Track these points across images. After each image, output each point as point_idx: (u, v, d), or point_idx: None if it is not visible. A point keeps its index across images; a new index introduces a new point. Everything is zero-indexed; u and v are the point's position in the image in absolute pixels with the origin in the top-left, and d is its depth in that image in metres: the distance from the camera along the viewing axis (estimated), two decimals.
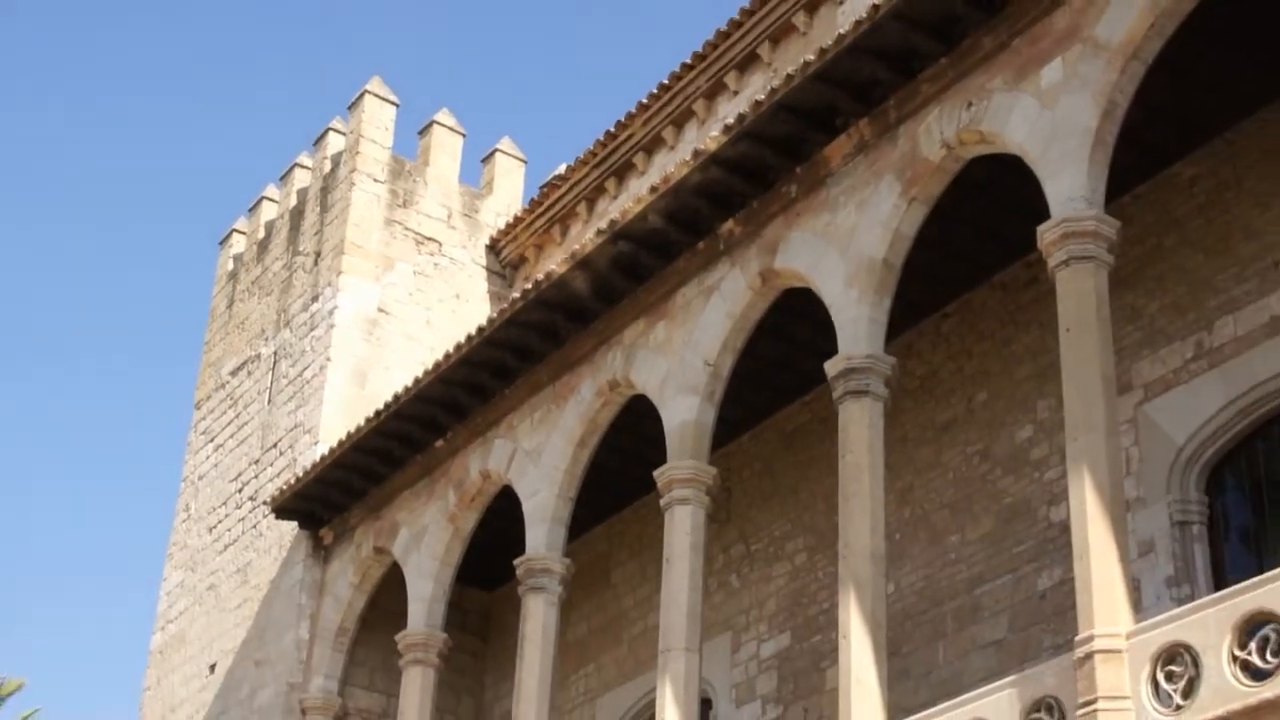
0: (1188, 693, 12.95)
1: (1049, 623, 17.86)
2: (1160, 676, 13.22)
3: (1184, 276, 18.20)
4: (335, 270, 28.51)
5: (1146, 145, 17.38)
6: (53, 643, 75.03)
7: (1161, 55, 15.40)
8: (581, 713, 25.36)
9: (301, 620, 25.95)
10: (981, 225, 18.70)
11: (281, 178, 32.05)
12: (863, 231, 17.83)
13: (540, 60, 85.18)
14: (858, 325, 17.46)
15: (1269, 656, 12.40)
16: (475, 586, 26.38)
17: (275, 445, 28.41)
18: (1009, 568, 19.21)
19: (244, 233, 32.94)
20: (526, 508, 21.95)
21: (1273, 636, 12.43)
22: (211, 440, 30.90)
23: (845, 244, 18.01)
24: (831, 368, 17.41)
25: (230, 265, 33.04)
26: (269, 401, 29.31)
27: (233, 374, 30.93)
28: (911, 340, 20.30)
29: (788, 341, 20.17)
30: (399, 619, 24.09)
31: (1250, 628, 12.58)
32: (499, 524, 23.30)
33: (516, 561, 21.66)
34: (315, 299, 28.87)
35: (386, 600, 25.28)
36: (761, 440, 23.20)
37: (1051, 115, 15.88)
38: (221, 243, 33.50)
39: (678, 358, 20.03)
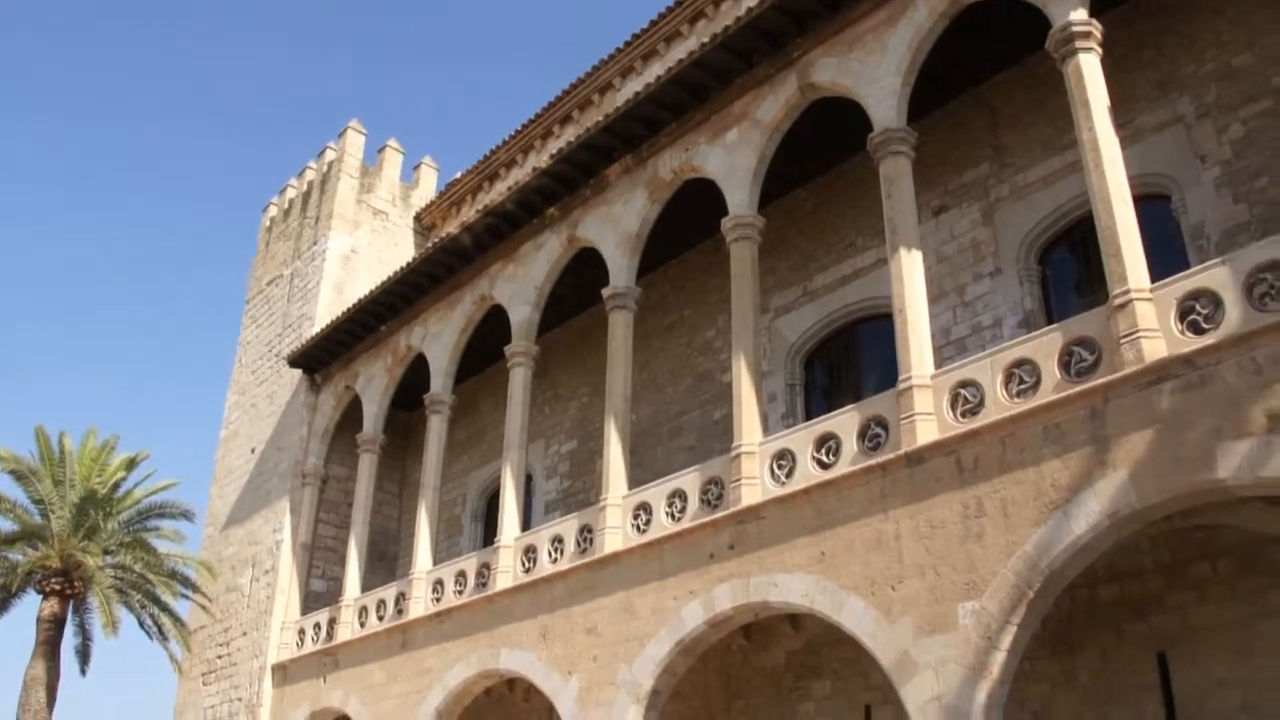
0: (789, 475, 14.45)
1: (720, 438, 18.79)
2: (774, 466, 14.71)
3: (798, 251, 19.54)
4: (327, 228, 29.28)
5: (781, 177, 18.01)
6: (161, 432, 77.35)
7: (791, 129, 16.76)
8: (459, 481, 26.11)
9: (303, 425, 26.82)
10: (693, 216, 18.86)
11: (298, 174, 32.37)
12: (626, 217, 18.87)
13: (458, 101, 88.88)
14: (621, 268, 18.59)
15: (829, 457, 14.02)
16: (402, 410, 26.31)
17: (290, 326, 29.12)
18: (699, 407, 20.47)
19: (276, 204, 33.12)
20: (432, 366, 22.70)
21: (832, 445, 14.02)
22: (255, 322, 31.41)
23: (616, 224, 19.00)
24: (606, 292, 18.57)
25: (268, 223, 33.13)
26: (288, 300, 29.86)
27: (268, 284, 31.42)
28: (652, 279, 20.74)
29: (582, 276, 20.45)
30: (358, 426, 24.79)
31: (820, 440, 14.26)
32: (415, 375, 23.76)
33: (425, 396, 22.55)
34: (315, 243, 29.64)
35: (351, 416, 25.74)
36: (566, 331, 23.69)
37: (731, 159, 17.03)
38: (263, 210, 33.75)
39: (520, 284, 20.92)
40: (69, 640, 25.86)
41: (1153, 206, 14.58)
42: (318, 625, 23.80)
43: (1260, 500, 11.96)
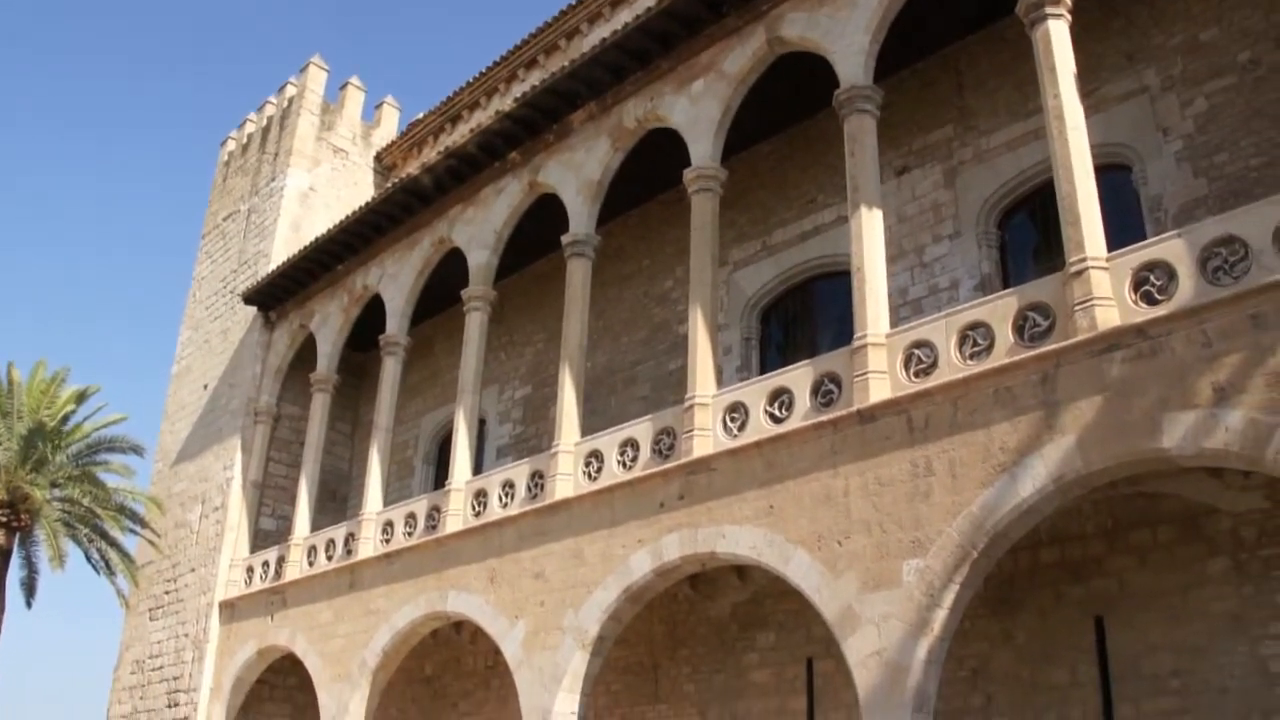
0: (741, 428, 14.55)
1: (674, 389, 18.93)
2: (727, 419, 14.77)
3: (759, 205, 19.52)
4: (286, 164, 28.78)
5: (745, 131, 17.97)
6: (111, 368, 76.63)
7: (757, 83, 16.71)
8: (412, 423, 26.09)
9: (256, 363, 26.52)
10: (655, 166, 18.70)
11: (258, 109, 31.67)
12: (588, 165, 18.74)
13: (422, 42, 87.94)
14: (581, 216, 18.49)
15: (782, 411, 14.09)
16: (357, 350, 26.38)
17: (246, 262, 28.69)
18: (654, 358, 20.53)
19: (234, 139, 32.41)
20: (388, 307, 22.59)
21: (785, 399, 14.09)
22: (210, 257, 30.92)
23: (579, 171, 18.86)
24: (565, 239, 18.44)
25: (225, 158, 32.48)
26: (244, 237, 29.40)
27: (224, 220, 30.93)
28: (611, 228, 20.60)
29: (542, 222, 20.17)
30: (311, 365, 24.63)
31: (773, 395, 14.34)
32: (371, 316, 23.55)
33: (380, 337, 22.45)
34: (274, 180, 29.11)
35: (305, 355, 25.48)
36: (524, 276, 23.49)
37: (696, 109, 16.97)
38: (221, 145, 33.00)
39: (479, 228, 20.80)
40: (14, 574, 25.72)
41: (1114, 176, 14.71)
42: (266, 563, 23.75)
43: (1202, 470, 12.21)
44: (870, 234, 13.86)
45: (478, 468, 21.18)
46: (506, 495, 18.11)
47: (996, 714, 14.09)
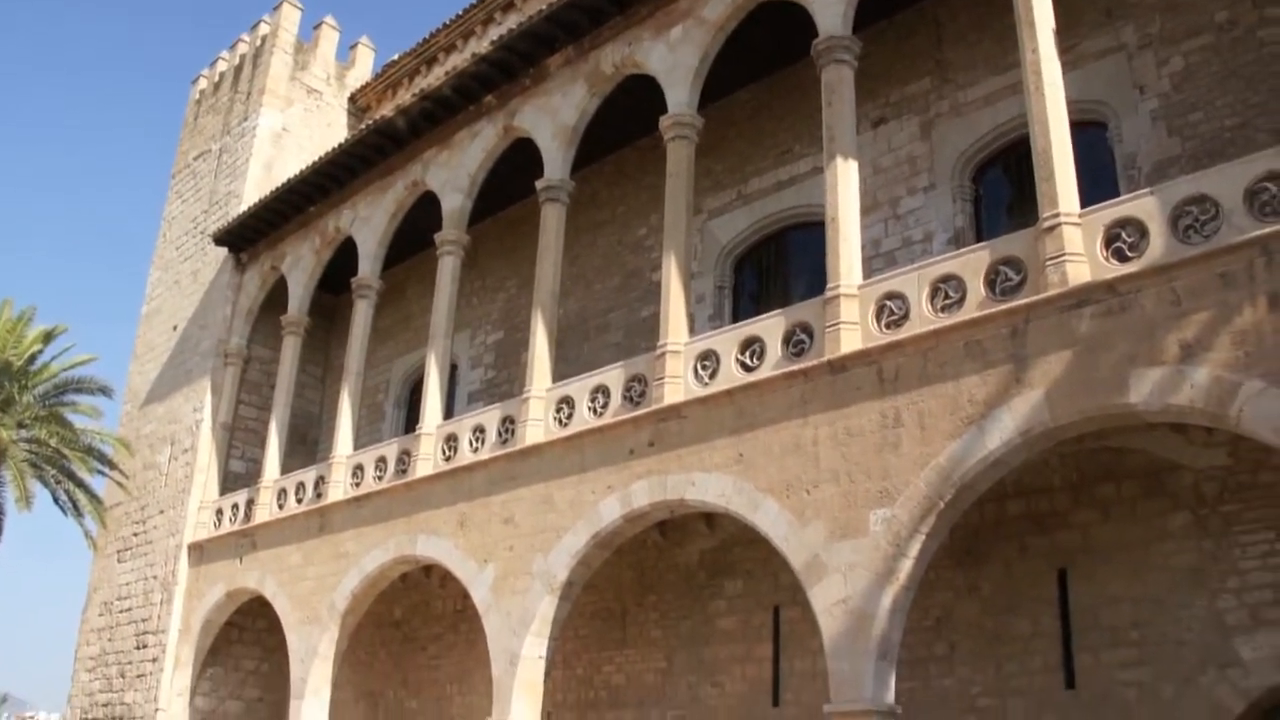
0: (712, 376, 14.59)
1: (646, 336, 18.87)
2: (698, 367, 14.83)
3: (735, 153, 19.44)
4: (259, 104, 28.41)
5: (723, 79, 17.62)
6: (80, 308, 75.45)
7: (736, 31, 16.56)
8: (383, 367, 25.98)
9: (227, 304, 26.32)
10: (631, 113, 18.72)
11: (230, 47, 31.17)
12: (564, 109, 18.63)
13: None
14: (556, 161, 18.37)
15: (753, 360, 14.13)
16: (328, 293, 26.38)
17: (217, 203, 28.37)
18: (627, 304, 20.52)
19: (206, 77, 31.90)
20: (360, 250, 22.55)
21: (757, 348, 14.12)
22: (181, 197, 30.52)
23: (554, 115, 18.74)
24: (540, 184, 18.30)
25: (197, 96, 31.96)
26: (215, 177, 29.07)
27: (195, 159, 30.48)
28: (586, 174, 20.36)
29: (516, 167, 20.00)
30: (282, 307, 24.45)
31: (745, 343, 14.36)
32: (343, 258, 23.57)
33: (352, 280, 22.36)
34: (246, 119, 28.74)
35: (276, 297, 25.28)
36: (497, 221, 23.36)
37: (674, 56, 16.83)
38: (192, 83, 32.48)
39: (454, 172, 20.66)
40: None
41: (1089, 133, 14.72)
42: (236, 506, 23.73)
43: (1167, 427, 12.36)
44: (845, 185, 13.84)
45: (449, 412, 21.12)
46: (477, 440, 18.12)
47: (959, 663, 14.30)
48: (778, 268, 19.04)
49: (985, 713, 13.89)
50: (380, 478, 19.87)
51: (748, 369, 14.30)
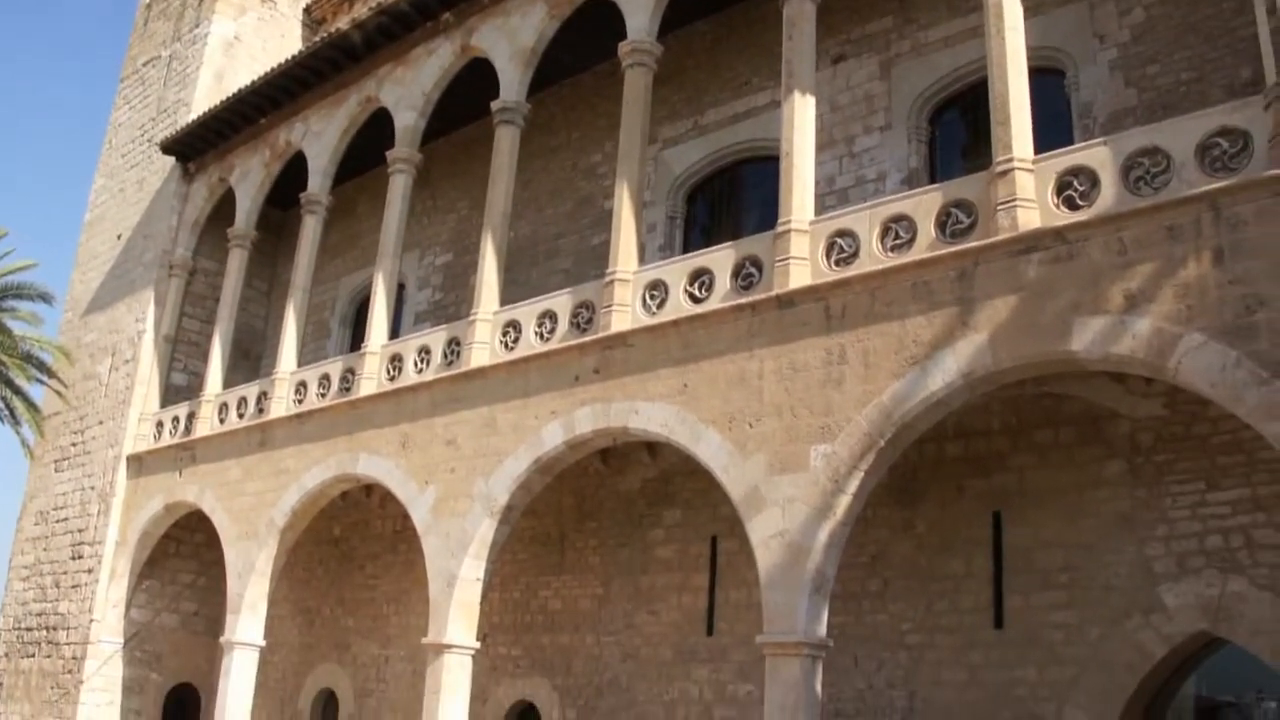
0: (660, 306, 14.56)
1: (595, 264, 18.69)
2: (647, 296, 14.78)
3: (693, 84, 19.31)
4: (211, 10, 27.60)
5: (683, 8, 17.49)
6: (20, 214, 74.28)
7: None
8: (330, 285, 25.74)
9: (173, 215, 25.88)
10: (590, 38, 18.37)
11: None
12: (523, 31, 18.32)
13: None
14: (512, 83, 18.10)
15: (702, 291, 14.09)
16: (277, 207, 26.17)
17: (166, 111, 27.70)
18: (578, 231, 20.42)
19: None
20: (310, 165, 22.19)
21: (706, 280, 14.08)
22: (128, 103, 29.76)
23: (512, 36, 18.43)
24: (495, 105, 18.06)
25: (148, 0, 31.07)
26: (164, 84, 28.36)
27: (144, 65, 29.64)
28: (542, 98, 20.25)
29: (472, 87, 19.62)
30: (230, 220, 24.21)
31: (694, 275, 14.31)
32: (293, 173, 23.12)
33: (301, 195, 22.04)
34: (197, 26, 27.96)
35: (224, 210, 24.96)
36: (451, 142, 23.04)
37: None
38: None
39: (408, 89, 20.35)
40: None
41: (1047, 80, 14.66)
42: (176, 419, 23.53)
43: (1107, 375, 12.49)
44: (802, 120, 13.74)
45: (395, 332, 20.96)
46: (422, 361, 18.03)
47: (891, 599, 14.50)
48: (730, 201, 18.94)
49: (914, 649, 14.12)
50: (323, 395, 19.74)
51: (696, 300, 14.26)
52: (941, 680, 13.75)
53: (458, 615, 16.04)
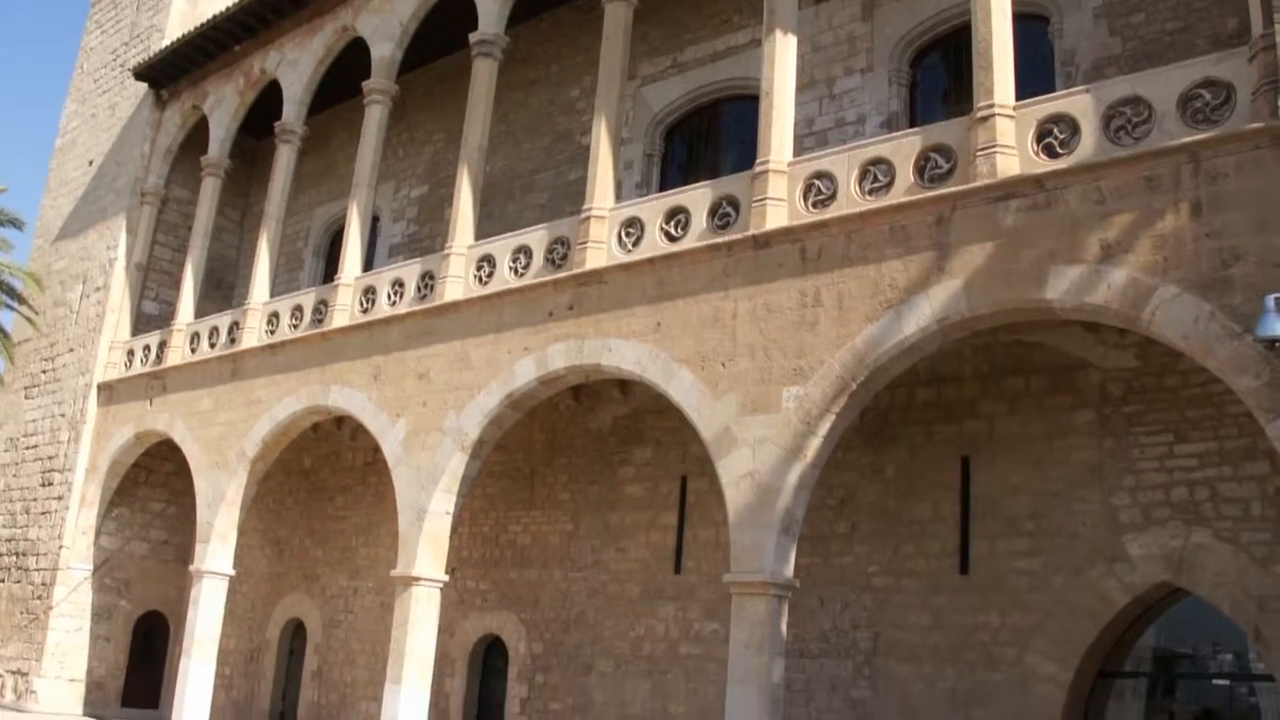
0: (635, 243, 14.43)
1: (572, 200, 18.45)
2: (622, 233, 14.65)
3: (673, 20, 19.00)
4: None
5: None
6: None
7: None
8: (304, 215, 25.52)
9: (145, 142, 25.50)
10: None
11: None
12: None
13: None
14: (491, 14, 17.72)
15: (678, 230, 13.96)
16: (251, 136, 25.69)
17: (139, 36, 27.20)
18: (555, 166, 20.21)
19: None
20: (286, 94, 21.87)
21: (682, 218, 13.96)
22: (100, 27, 29.14)
23: None
24: (473, 37, 17.72)
25: None
26: (137, 9, 27.75)
27: None
28: (521, 31, 19.89)
29: (451, 18, 19.22)
30: (203, 148, 23.80)
31: (670, 213, 14.18)
32: (267, 101, 22.80)
33: (276, 124, 21.76)
34: None
35: (197, 137, 24.63)
36: (428, 73, 22.70)
37: None
38: None
39: (385, 19, 19.94)
40: None
41: (1031, 26, 14.52)
42: (147, 347, 23.33)
43: (1080, 325, 12.48)
44: (782, 60, 13.52)
45: (368, 264, 20.80)
46: (396, 294, 17.88)
47: (859, 542, 14.54)
48: (708, 139, 18.78)
49: (880, 592, 14.19)
50: (296, 326, 19.59)
51: (672, 239, 14.13)
52: (906, 623, 13.82)
53: (427, 548, 16.03)
